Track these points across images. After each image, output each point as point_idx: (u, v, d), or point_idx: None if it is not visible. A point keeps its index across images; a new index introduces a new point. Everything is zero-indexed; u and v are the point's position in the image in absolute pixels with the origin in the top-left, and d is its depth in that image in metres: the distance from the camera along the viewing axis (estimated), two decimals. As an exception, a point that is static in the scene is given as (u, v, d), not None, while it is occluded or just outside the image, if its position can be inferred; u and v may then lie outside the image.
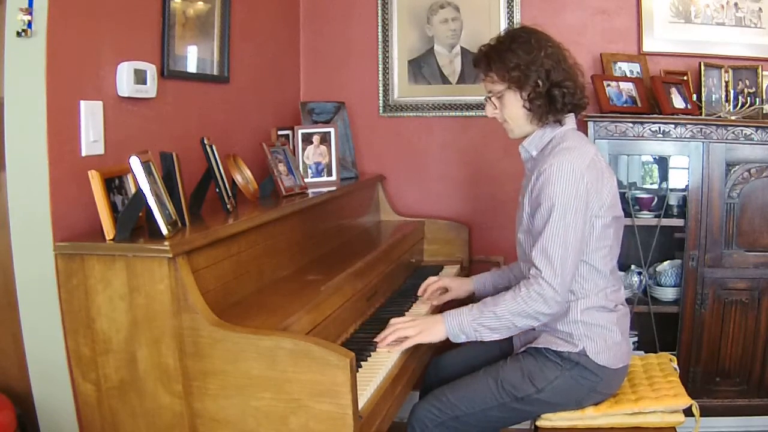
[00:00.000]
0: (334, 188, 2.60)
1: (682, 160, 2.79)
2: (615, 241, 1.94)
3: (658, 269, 2.90)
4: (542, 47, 1.89)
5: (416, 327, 1.91)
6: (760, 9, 2.96)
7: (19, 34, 1.61)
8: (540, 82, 1.88)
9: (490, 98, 1.97)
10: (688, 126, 2.68)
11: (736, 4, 2.96)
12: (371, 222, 3.04)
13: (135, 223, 1.68)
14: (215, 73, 2.48)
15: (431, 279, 2.32)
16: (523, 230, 1.95)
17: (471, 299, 2.27)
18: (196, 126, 2.31)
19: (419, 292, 2.30)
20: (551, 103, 1.90)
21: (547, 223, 1.80)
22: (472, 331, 1.86)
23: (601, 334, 1.88)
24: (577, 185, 1.80)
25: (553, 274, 1.79)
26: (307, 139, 2.70)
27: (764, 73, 2.90)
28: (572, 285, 1.88)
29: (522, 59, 1.88)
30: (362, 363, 1.82)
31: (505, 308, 1.83)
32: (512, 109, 1.94)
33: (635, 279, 2.88)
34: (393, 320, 1.96)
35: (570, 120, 1.97)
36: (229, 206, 2.03)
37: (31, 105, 1.66)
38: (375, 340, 1.93)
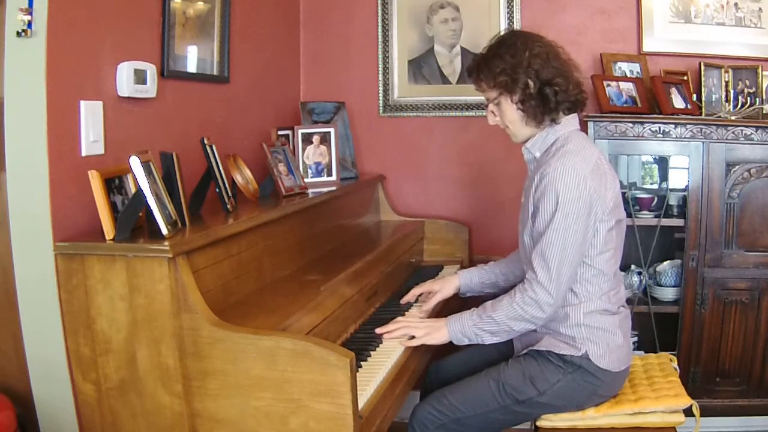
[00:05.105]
0: (334, 188, 2.60)
1: (682, 160, 2.79)
2: (618, 243, 1.93)
3: (658, 269, 2.90)
4: (528, 48, 1.88)
5: (423, 328, 1.96)
6: (760, 9, 2.96)
7: (19, 34, 1.61)
8: (530, 83, 1.87)
9: (488, 106, 1.99)
10: (688, 126, 2.68)
11: (736, 4, 2.96)
12: (371, 222, 3.04)
13: (135, 223, 1.68)
14: (215, 73, 2.48)
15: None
16: (528, 232, 1.94)
17: (457, 296, 2.30)
18: (196, 126, 2.31)
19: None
20: (544, 103, 1.89)
21: (548, 227, 1.81)
22: (474, 335, 1.91)
23: (604, 337, 1.88)
24: (579, 190, 1.79)
25: (549, 279, 1.80)
26: (307, 139, 2.70)
27: (764, 73, 2.90)
28: (574, 287, 1.88)
29: (508, 63, 1.88)
30: (362, 363, 1.82)
31: (502, 313, 1.87)
32: (509, 113, 1.94)
33: (635, 279, 2.88)
34: (400, 318, 2.05)
35: (573, 121, 1.95)
36: (229, 206, 2.03)
37: (31, 105, 1.66)
38: (378, 331, 1.99)
